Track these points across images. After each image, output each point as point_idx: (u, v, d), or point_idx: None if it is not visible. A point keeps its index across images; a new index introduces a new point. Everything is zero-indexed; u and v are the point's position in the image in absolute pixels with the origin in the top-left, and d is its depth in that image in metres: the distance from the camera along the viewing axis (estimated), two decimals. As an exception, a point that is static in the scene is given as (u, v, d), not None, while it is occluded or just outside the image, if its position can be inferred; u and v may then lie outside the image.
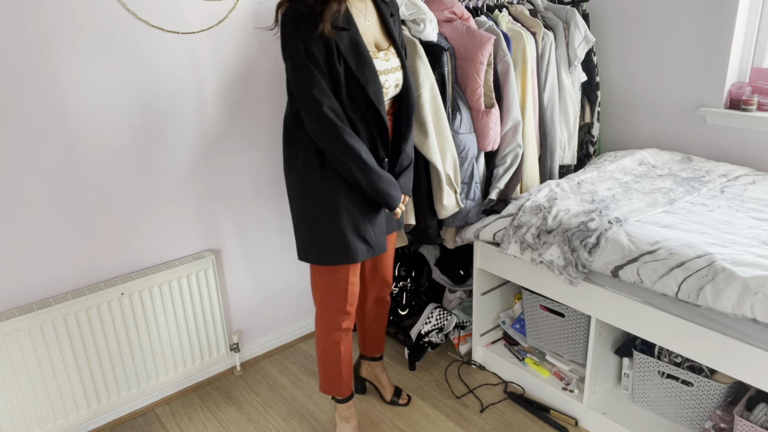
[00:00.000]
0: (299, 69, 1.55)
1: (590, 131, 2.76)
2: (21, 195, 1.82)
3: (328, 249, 1.71)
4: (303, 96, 1.56)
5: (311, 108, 1.56)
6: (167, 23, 1.97)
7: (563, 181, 2.26)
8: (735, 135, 2.44)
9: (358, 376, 2.27)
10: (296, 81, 1.57)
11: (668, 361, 1.94)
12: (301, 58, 1.54)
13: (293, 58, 1.55)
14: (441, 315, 2.47)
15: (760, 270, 1.51)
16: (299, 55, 1.54)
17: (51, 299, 1.94)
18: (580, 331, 2.14)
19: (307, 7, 1.52)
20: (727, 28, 2.36)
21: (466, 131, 2.11)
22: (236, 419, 2.19)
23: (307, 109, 1.57)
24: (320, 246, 1.71)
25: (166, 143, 2.08)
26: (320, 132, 1.58)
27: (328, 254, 1.72)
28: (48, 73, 1.78)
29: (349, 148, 1.59)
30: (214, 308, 2.30)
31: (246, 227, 2.39)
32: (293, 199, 1.75)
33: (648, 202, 2.04)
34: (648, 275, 1.67)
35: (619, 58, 2.77)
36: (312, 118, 1.57)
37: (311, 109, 1.56)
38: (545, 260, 1.94)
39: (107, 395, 2.09)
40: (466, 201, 2.14)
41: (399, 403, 2.22)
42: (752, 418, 1.72)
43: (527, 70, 2.27)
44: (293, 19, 1.53)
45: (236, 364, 2.47)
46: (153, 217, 2.12)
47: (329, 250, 1.71)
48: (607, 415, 2.02)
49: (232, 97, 2.20)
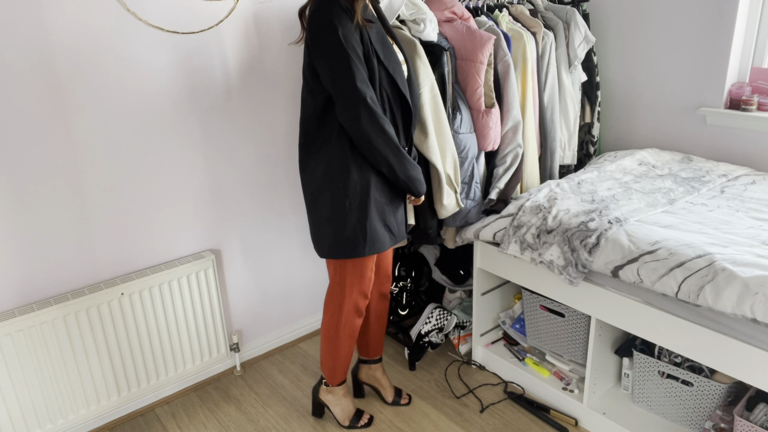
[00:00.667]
0: (341, 62, 1.58)
1: (590, 131, 2.76)
2: (21, 195, 1.81)
3: (361, 242, 1.76)
4: (347, 88, 1.60)
5: (356, 100, 1.60)
6: (167, 23, 1.97)
7: (563, 181, 2.26)
8: (735, 135, 2.44)
9: (357, 381, 2.26)
10: (338, 75, 1.59)
11: (668, 361, 1.94)
12: (343, 51, 1.57)
13: (334, 53, 1.58)
14: (441, 315, 2.47)
15: (760, 270, 1.51)
16: (341, 49, 1.57)
17: (51, 299, 1.94)
18: (580, 331, 2.14)
19: (338, 4, 1.58)
20: (727, 28, 2.36)
21: (466, 131, 2.11)
22: (236, 419, 2.19)
23: (351, 101, 1.60)
24: (352, 240, 1.76)
25: (166, 143, 2.08)
26: (365, 122, 1.62)
27: (361, 246, 1.76)
28: (48, 74, 1.78)
29: (390, 137, 1.66)
30: (214, 308, 2.30)
31: (246, 227, 2.39)
32: (318, 199, 1.77)
33: (648, 202, 2.04)
34: (648, 275, 1.67)
35: (619, 58, 2.77)
36: (357, 110, 1.61)
37: (356, 101, 1.60)
38: (545, 260, 1.94)
39: (107, 395, 2.09)
40: (467, 201, 2.14)
41: (401, 403, 2.22)
42: (752, 418, 1.72)
43: (527, 70, 2.27)
44: (331, 15, 1.57)
45: (236, 364, 2.47)
46: (153, 217, 2.12)
47: (362, 243, 1.76)
48: (607, 415, 2.02)
49: (232, 97, 2.20)
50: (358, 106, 1.60)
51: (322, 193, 1.75)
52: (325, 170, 1.72)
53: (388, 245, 1.83)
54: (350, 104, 1.61)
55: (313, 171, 1.76)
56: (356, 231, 1.75)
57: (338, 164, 1.71)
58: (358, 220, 1.74)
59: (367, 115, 1.61)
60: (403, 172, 1.73)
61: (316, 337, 2.73)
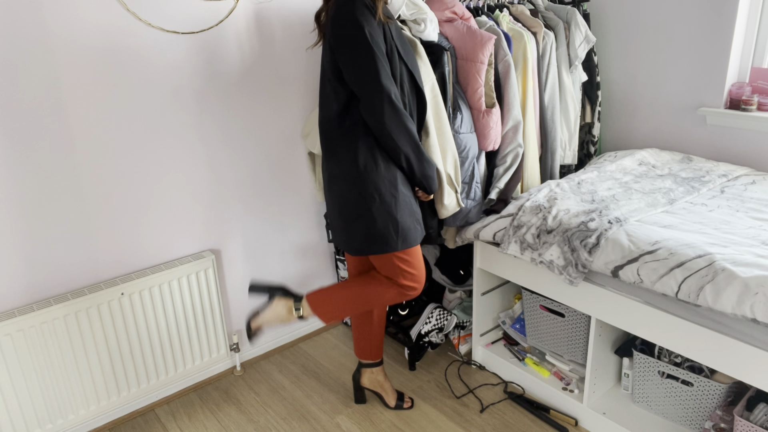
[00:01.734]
0: (367, 59, 1.60)
1: (591, 131, 2.76)
2: (21, 195, 1.81)
3: (393, 236, 1.77)
4: (372, 85, 1.62)
5: (381, 96, 1.62)
6: (167, 23, 1.97)
7: (563, 181, 2.26)
8: (735, 135, 2.44)
9: (359, 387, 2.24)
10: (363, 71, 1.62)
11: (668, 361, 1.94)
12: (369, 47, 1.60)
13: (360, 50, 1.60)
14: (441, 315, 2.47)
15: (760, 270, 1.51)
16: (367, 46, 1.60)
17: (51, 299, 1.94)
18: (580, 331, 2.14)
19: (362, 2, 1.60)
20: (727, 28, 2.36)
21: (466, 131, 2.11)
22: (236, 419, 2.19)
23: (377, 97, 1.63)
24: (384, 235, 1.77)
25: (166, 143, 2.08)
26: (388, 119, 1.64)
27: (393, 241, 1.78)
28: (48, 74, 1.78)
29: (412, 134, 1.71)
30: (214, 308, 2.30)
31: (246, 227, 2.39)
32: (348, 197, 1.77)
33: (648, 202, 2.04)
34: (648, 275, 1.67)
35: (619, 58, 2.77)
36: (381, 106, 1.63)
37: (381, 96, 1.62)
38: (545, 260, 1.94)
39: (107, 395, 2.09)
40: (467, 201, 2.14)
41: (404, 407, 2.21)
42: (752, 418, 1.72)
43: (528, 70, 2.27)
44: (357, 13, 1.59)
45: (236, 364, 2.47)
46: (153, 217, 2.12)
47: (393, 237, 1.77)
48: (607, 415, 2.02)
49: (232, 97, 2.20)
50: (383, 103, 1.63)
51: (351, 190, 1.76)
52: (363, 168, 1.73)
53: (420, 238, 1.85)
54: (375, 100, 1.63)
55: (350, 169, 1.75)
56: (388, 225, 1.76)
57: (365, 161, 1.72)
58: (389, 215, 1.76)
59: (391, 111, 1.64)
60: (420, 169, 1.77)
61: (316, 337, 2.73)
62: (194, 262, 2.19)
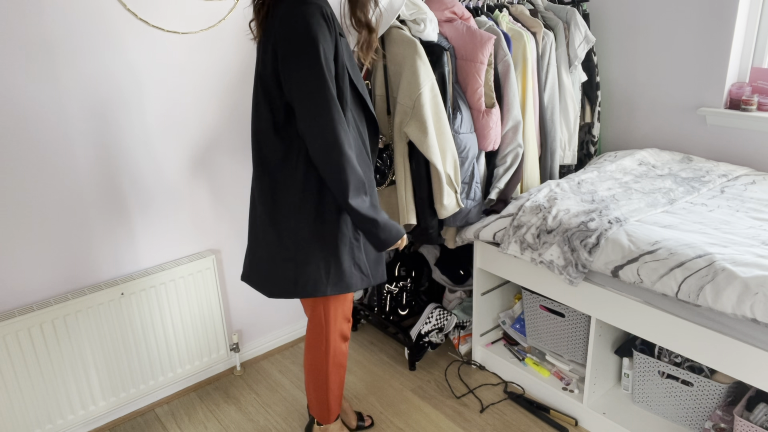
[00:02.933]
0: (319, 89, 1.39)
1: (591, 131, 2.76)
2: (21, 195, 1.81)
3: (352, 275, 1.63)
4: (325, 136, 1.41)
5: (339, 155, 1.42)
6: (167, 23, 1.97)
7: (563, 181, 2.26)
8: (735, 135, 2.44)
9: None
10: (312, 111, 1.40)
11: (668, 361, 1.94)
12: (321, 73, 1.37)
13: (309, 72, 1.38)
14: (441, 315, 2.47)
15: (760, 270, 1.51)
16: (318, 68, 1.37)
17: (51, 299, 1.94)
18: (580, 331, 2.14)
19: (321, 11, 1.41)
20: (727, 29, 2.36)
21: (466, 131, 2.11)
22: (236, 419, 2.19)
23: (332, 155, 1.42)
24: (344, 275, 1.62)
25: (165, 143, 2.08)
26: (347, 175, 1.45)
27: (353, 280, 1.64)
28: (48, 73, 1.78)
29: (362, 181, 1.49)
30: (214, 308, 2.30)
31: (246, 227, 2.39)
32: (281, 226, 1.58)
33: (648, 202, 2.04)
34: (648, 275, 1.67)
35: (619, 58, 2.77)
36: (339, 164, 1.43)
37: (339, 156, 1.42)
38: (545, 260, 1.94)
39: (107, 395, 2.09)
40: (467, 201, 2.14)
41: (365, 426, 2.10)
42: (752, 418, 1.72)
43: (527, 70, 2.27)
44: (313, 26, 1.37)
45: (236, 364, 2.47)
46: (153, 217, 2.12)
47: (353, 276, 1.64)
48: (607, 415, 2.02)
49: (231, 97, 2.20)
50: (341, 162, 1.42)
51: (288, 220, 1.55)
52: (315, 210, 1.53)
53: (360, 286, 1.66)
54: (329, 155, 1.42)
55: (299, 212, 1.54)
56: (347, 266, 1.61)
57: (308, 186, 1.53)
58: (348, 255, 1.60)
59: (350, 168, 1.44)
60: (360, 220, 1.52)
61: (316, 337, 2.73)
62: (194, 262, 2.19)
